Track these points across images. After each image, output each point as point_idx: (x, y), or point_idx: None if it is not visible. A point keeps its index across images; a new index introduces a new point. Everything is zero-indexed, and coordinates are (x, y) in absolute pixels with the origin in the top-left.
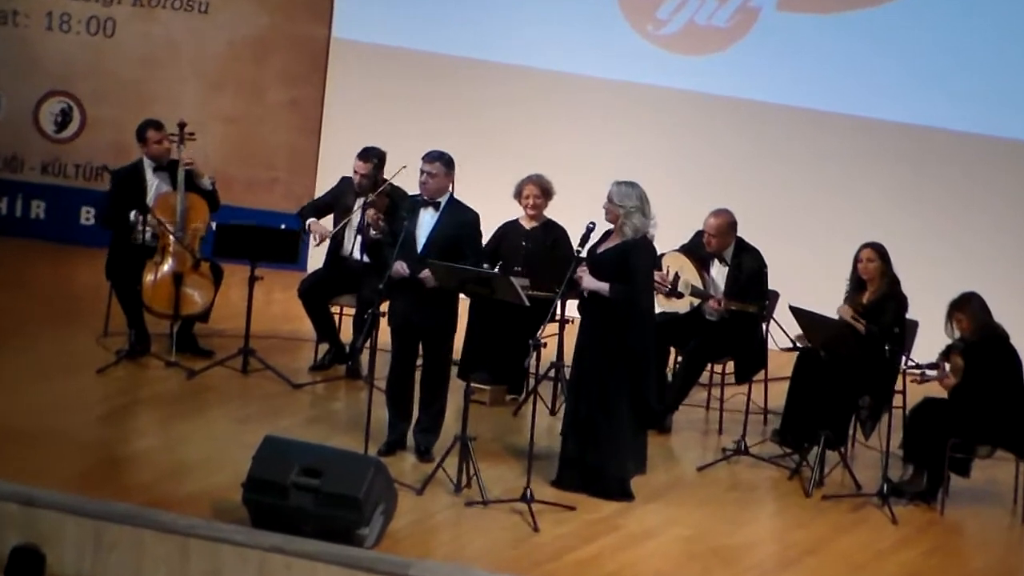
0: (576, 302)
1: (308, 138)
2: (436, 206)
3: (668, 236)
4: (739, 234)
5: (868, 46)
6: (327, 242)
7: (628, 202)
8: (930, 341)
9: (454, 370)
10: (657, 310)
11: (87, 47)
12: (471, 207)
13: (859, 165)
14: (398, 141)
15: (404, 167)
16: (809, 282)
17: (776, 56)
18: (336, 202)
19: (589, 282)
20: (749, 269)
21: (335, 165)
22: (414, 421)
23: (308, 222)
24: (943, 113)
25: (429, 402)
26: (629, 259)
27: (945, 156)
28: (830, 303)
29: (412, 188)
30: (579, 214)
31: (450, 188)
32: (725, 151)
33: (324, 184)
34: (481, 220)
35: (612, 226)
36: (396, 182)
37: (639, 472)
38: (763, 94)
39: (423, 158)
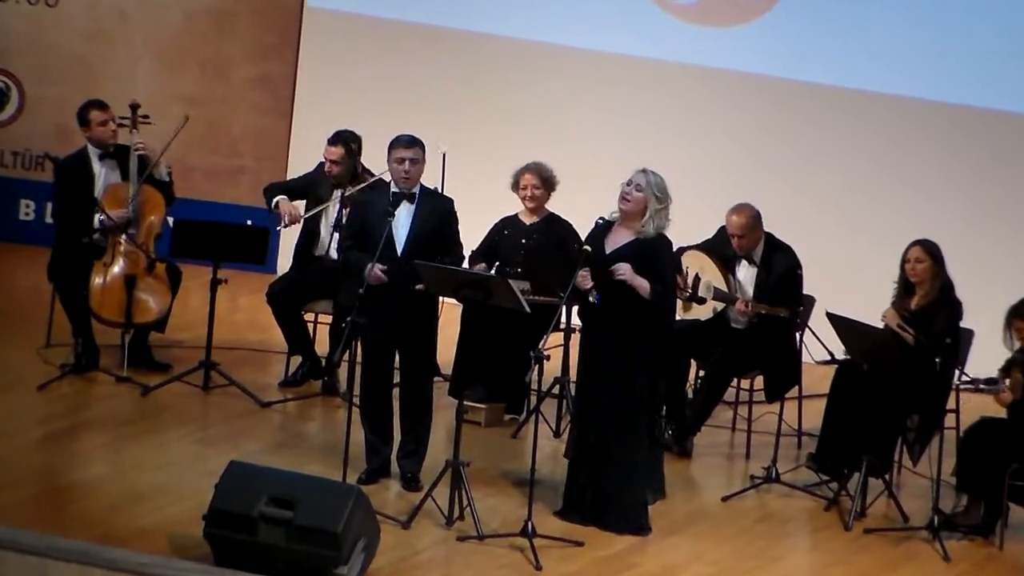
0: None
1: (278, 121)
2: (411, 198)
3: (686, 231)
4: (767, 230)
5: (908, 20)
6: (297, 234)
7: (662, 196)
8: (987, 353)
9: (445, 387)
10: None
11: (26, 19)
12: (444, 194)
13: (906, 152)
14: (381, 124)
15: (382, 174)
16: (850, 285)
17: (807, 30)
18: (310, 190)
19: (629, 274)
20: (780, 269)
21: (309, 151)
22: (396, 444)
23: (277, 199)
24: (999, 94)
25: (412, 422)
26: (657, 257)
27: (1006, 142)
28: (874, 309)
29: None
30: (586, 206)
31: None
32: (751, 135)
33: (296, 173)
34: (479, 216)
35: (614, 218)
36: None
37: (659, 496)
38: (793, 71)
39: (399, 145)
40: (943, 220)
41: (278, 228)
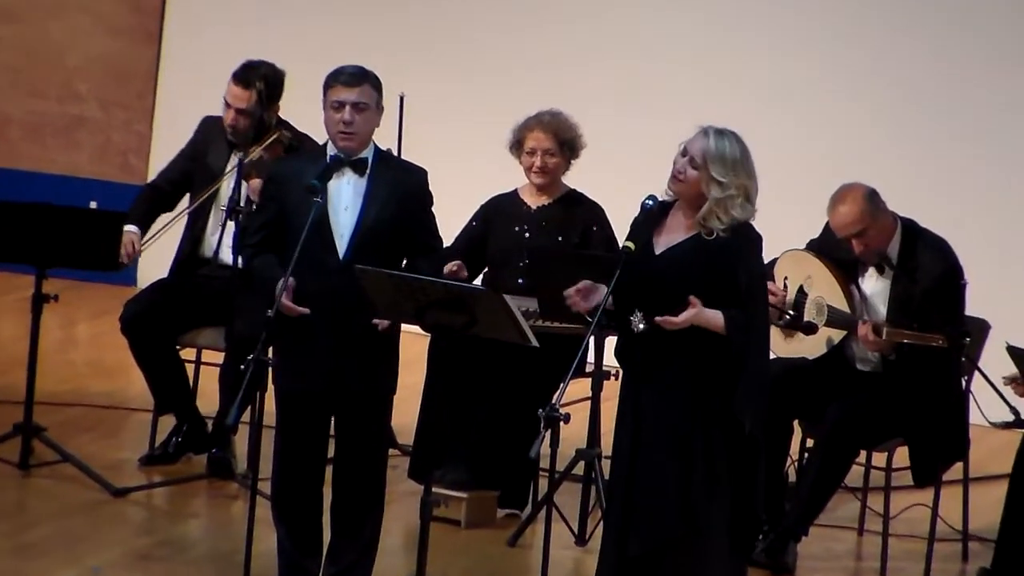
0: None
1: (140, 47)
2: (359, 166)
3: (778, 224)
4: (902, 215)
5: None
6: (182, 231)
7: (731, 178)
8: None
9: (404, 464)
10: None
11: None
12: (413, 162)
13: None
14: (304, 54)
15: None
16: None
17: None
18: (197, 164)
19: (690, 318)
20: (931, 274)
21: (188, 94)
22: (326, 555)
23: (125, 228)
24: None
25: (353, 522)
26: (735, 265)
27: None
28: None
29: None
30: (620, 179)
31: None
32: (875, 81)
33: (168, 131)
34: (456, 195)
35: (669, 198)
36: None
37: None
38: None
39: (337, 81)
40: None
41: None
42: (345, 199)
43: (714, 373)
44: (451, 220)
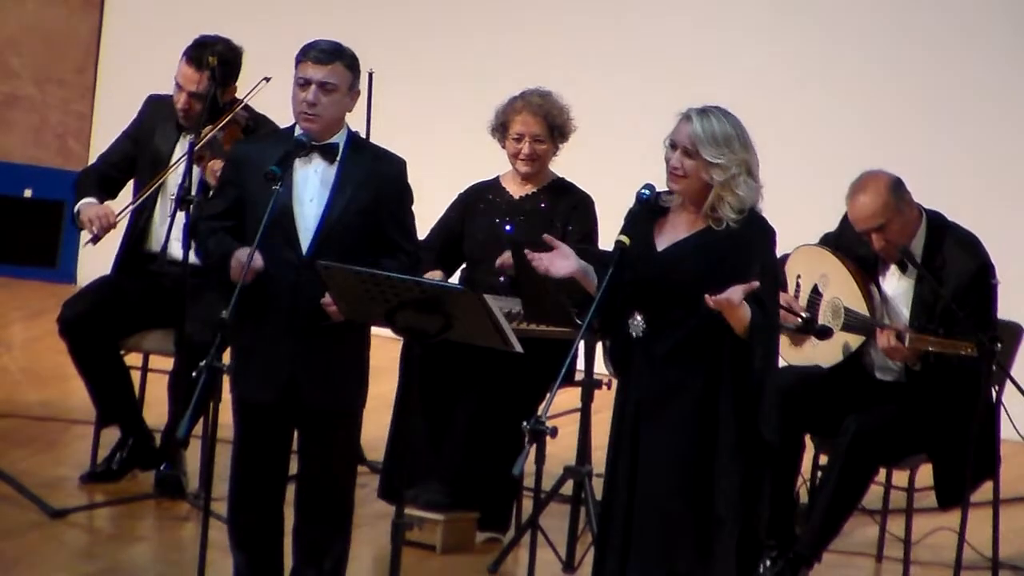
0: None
1: (79, 15)
2: (329, 152)
3: (789, 215)
4: (927, 206)
5: None
6: (125, 226)
7: (729, 155)
8: None
9: (374, 483)
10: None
11: None
12: (392, 151)
13: None
14: (259, 21)
15: (266, 79)
16: None
17: None
18: (141, 148)
19: (735, 301)
20: (959, 274)
21: (134, 72)
22: None
23: (79, 206)
24: None
25: (318, 547)
26: (746, 261)
27: None
28: None
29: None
30: (613, 166)
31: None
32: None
33: (111, 110)
34: (432, 184)
35: (671, 192)
36: (255, 106)
37: None
38: None
39: (307, 57)
40: None
41: (85, 244)
42: (311, 188)
43: (722, 380)
44: (426, 210)
